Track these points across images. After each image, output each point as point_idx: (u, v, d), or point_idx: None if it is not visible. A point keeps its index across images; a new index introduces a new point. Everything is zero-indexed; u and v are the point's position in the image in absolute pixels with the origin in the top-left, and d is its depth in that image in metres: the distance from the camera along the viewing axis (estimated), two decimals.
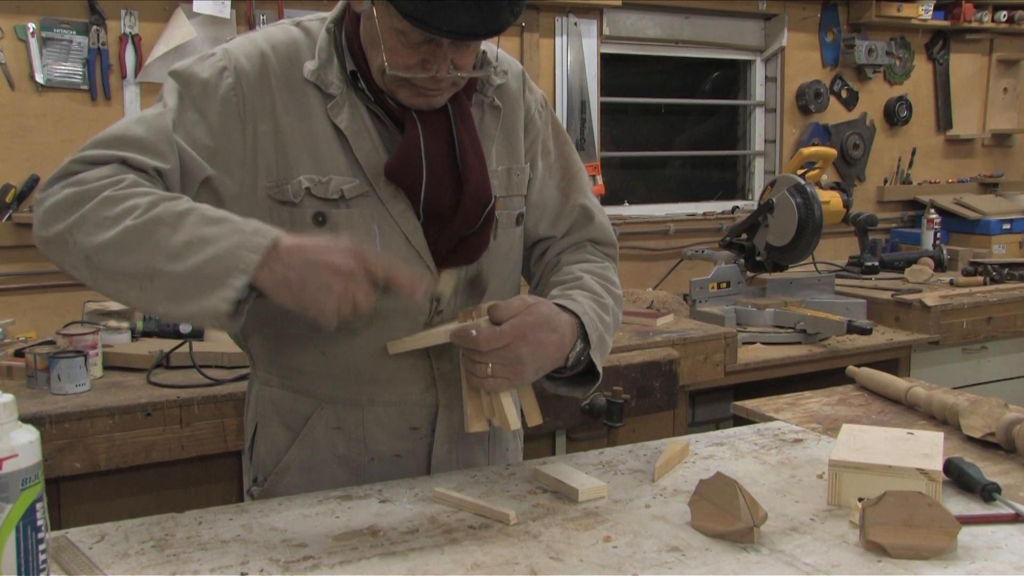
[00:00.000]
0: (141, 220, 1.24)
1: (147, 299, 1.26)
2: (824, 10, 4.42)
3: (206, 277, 1.21)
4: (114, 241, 1.24)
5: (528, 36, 3.69)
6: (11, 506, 1.00)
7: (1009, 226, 4.36)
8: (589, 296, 1.49)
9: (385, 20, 1.33)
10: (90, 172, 1.30)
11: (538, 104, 1.63)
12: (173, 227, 1.24)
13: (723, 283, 3.51)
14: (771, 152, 4.47)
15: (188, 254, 1.22)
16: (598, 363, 1.45)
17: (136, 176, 1.30)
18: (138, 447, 2.26)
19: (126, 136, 1.34)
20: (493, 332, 1.32)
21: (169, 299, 1.24)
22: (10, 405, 1.02)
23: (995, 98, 5.01)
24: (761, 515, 1.23)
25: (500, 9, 1.29)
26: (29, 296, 2.93)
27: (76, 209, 1.26)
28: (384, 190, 1.43)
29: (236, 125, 1.39)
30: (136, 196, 1.26)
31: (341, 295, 1.23)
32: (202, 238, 1.23)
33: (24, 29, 2.88)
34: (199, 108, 1.39)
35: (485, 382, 1.33)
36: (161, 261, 1.23)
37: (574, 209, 1.63)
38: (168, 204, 1.26)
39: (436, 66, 1.35)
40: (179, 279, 1.22)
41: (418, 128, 1.42)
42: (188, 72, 1.41)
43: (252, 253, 1.22)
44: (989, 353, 3.73)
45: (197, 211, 1.26)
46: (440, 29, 1.28)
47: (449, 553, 1.21)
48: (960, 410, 1.73)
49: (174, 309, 1.25)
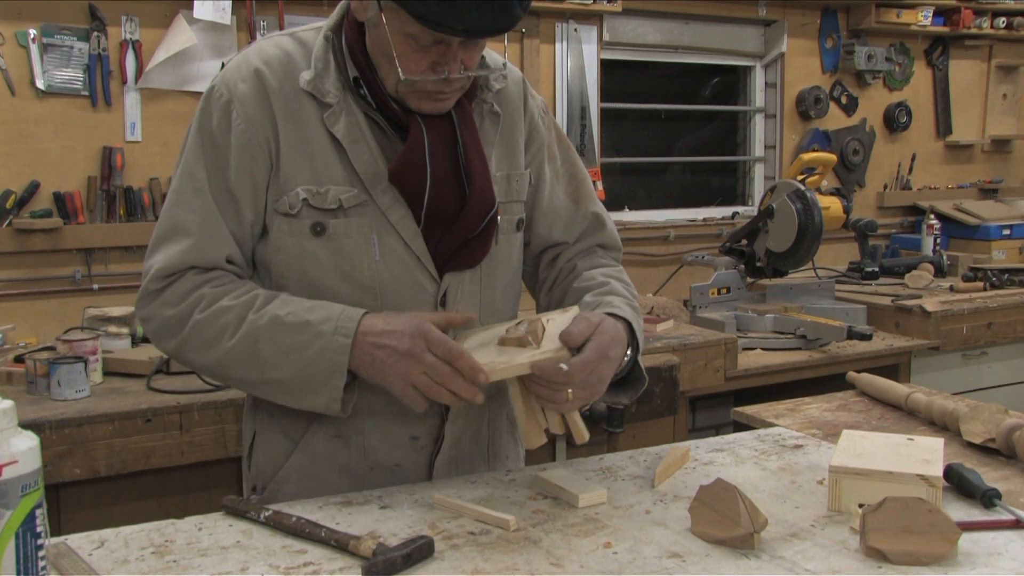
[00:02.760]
0: (236, 340, 1.38)
1: (270, 397, 1.44)
2: (824, 16, 4.43)
3: (309, 380, 1.37)
4: (220, 362, 1.40)
5: (528, 42, 3.70)
6: (11, 512, 1.00)
7: (1009, 231, 4.37)
8: (624, 300, 1.52)
9: (394, 25, 1.33)
10: (171, 291, 1.41)
11: (540, 110, 1.63)
12: (266, 341, 1.37)
13: (723, 289, 3.51)
14: (771, 158, 4.47)
15: (287, 364, 1.37)
16: (643, 365, 1.49)
17: (210, 286, 1.41)
18: (138, 453, 2.26)
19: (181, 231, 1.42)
20: (584, 363, 1.33)
21: (286, 398, 1.41)
22: (10, 411, 1.02)
23: (994, 104, 5.02)
24: (761, 521, 1.23)
25: (511, 5, 1.29)
26: (29, 302, 2.93)
27: (176, 333, 1.41)
28: (382, 198, 1.44)
29: (253, 154, 1.42)
30: (222, 315, 1.39)
31: (406, 375, 1.33)
32: (294, 347, 1.37)
33: (25, 35, 2.89)
34: (224, 159, 1.42)
35: (564, 405, 1.35)
36: (268, 371, 1.39)
37: (586, 216, 1.66)
38: (252, 317, 1.38)
39: (447, 68, 1.35)
40: (289, 384, 1.39)
41: (423, 132, 1.42)
42: (204, 125, 1.44)
43: (339, 355, 1.35)
44: (989, 359, 3.72)
45: (280, 320, 1.37)
46: (454, 28, 1.27)
47: (449, 559, 1.21)
48: (960, 416, 1.73)
49: (294, 404, 1.42)
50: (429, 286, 1.48)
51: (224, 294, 1.41)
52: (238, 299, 1.40)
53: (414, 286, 1.47)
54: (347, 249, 1.44)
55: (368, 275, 1.45)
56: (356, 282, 1.45)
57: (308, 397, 1.39)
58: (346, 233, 1.44)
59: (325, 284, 1.45)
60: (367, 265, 1.44)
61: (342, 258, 1.44)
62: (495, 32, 1.31)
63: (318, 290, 1.45)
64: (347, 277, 1.44)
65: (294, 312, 1.38)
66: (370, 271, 1.44)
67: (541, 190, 1.62)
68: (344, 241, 1.44)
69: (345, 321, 1.36)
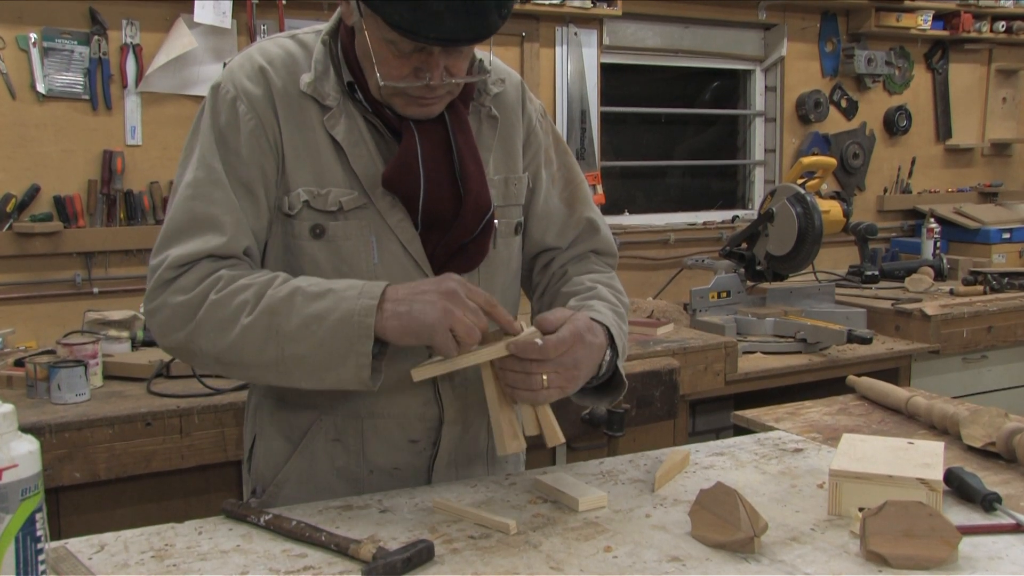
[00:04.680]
0: (255, 315, 1.32)
1: (287, 380, 1.36)
2: (823, 20, 4.44)
3: (334, 349, 1.31)
4: (237, 341, 1.33)
5: (528, 46, 3.70)
6: (11, 516, 0.99)
7: (1009, 235, 4.37)
8: (607, 305, 1.51)
9: (374, 31, 1.34)
10: (186, 277, 1.36)
11: (538, 114, 1.63)
12: (286, 314, 1.32)
13: (723, 292, 3.51)
14: (771, 161, 4.47)
15: (308, 334, 1.31)
16: (623, 370, 1.48)
17: (228, 269, 1.37)
18: (138, 457, 2.26)
19: (201, 223, 1.38)
20: (558, 339, 1.33)
21: (308, 376, 1.34)
22: (10, 415, 1.02)
23: (994, 108, 5.02)
24: (761, 525, 1.23)
25: (487, 13, 1.29)
26: (29, 305, 2.93)
27: (190, 319, 1.35)
28: (381, 200, 1.44)
29: (263, 148, 1.42)
30: (240, 292, 1.34)
31: (450, 314, 1.28)
32: (316, 315, 1.31)
33: (25, 39, 2.89)
34: (236, 154, 1.41)
35: (539, 394, 1.33)
36: (287, 347, 1.32)
37: (580, 221, 1.65)
38: (272, 291, 1.33)
39: (429, 74, 1.35)
40: (310, 358, 1.32)
41: (415, 137, 1.42)
42: (214, 121, 1.42)
43: (366, 317, 1.30)
44: (989, 362, 3.72)
45: (300, 290, 1.33)
46: (428, 37, 1.28)
47: (449, 563, 1.20)
48: (960, 420, 1.73)
49: (316, 383, 1.35)
50: None
51: (242, 275, 1.36)
52: (258, 278, 1.36)
53: None
54: (345, 252, 1.44)
55: (366, 278, 1.44)
56: None
57: (333, 370, 1.32)
58: (345, 236, 1.44)
59: None
60: (365, 268, 1.45)
61: (340, 260, 1.44)
62: (471, 41, 1.31)
63: None
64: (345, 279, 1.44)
65: (316, 283, 1.35)
66: (368, 274, 1.44)
67: (537, 194, 1.62)
68: (343, 244, 1.44)
69: (371, 287, 1.33)
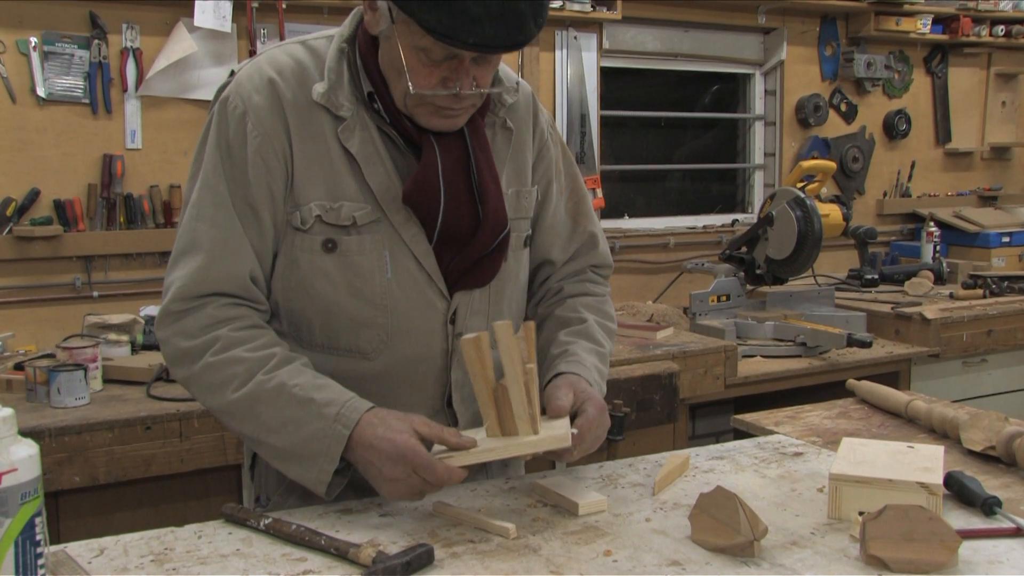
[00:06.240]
0: (240, 395, 1.37)
1: (263, 456, 1.45)
2: (823, 24, 4.44)
3: (302, 455, 1.35)
4: (224, 408, 1.39)
5: (528, 50, 3.70)
6: (10, 520, 0.99)
7: (1008, 239, 4.37)
8: (593, 349, 1.56)
9: (406, 39, 1.31)
10: (192, 319, 1.39)
11: (549, 126, 1.63)
12: (269, 404, 1.36)
13: (723, 296, 3.51)
14: (771, 165, 4.48)
15: (284, 433, 1.36)
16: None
17: (229, 328, 1.38)
18: (137, 460, 2.26)
19: (203, 247, 1.39)
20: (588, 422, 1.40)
21: (276, 461, 1.40)
22: (9, 419, 1.02)
23: (993, 111, 5.03)
24: (761, 529, 1.23)
25: (525, 20, 1.27)
26: (29, 309, 2.93)
27: (188, 367, 1.40)
28: (396, 215, 1.42)
29: (270, 166, 1.40)
30: (233, 364, 1.37)
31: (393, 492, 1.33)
32: (294, 420, 1.35)
33: (26, 43, 2.89)
34: (242, 172, 1.39)
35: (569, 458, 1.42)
36: (263, 434, 1.37)
37: (583, 235, 1.66)
38: (261, 377, 1.36)
39: (458, 83, 1.33)
40: (282, 452, 1.37)
41: (436, 152, 1.40)
42: (221, 138, 1.41)
43: (336, 443, 1.33)
44: (989, 366, 3.72)
45: (285, 388, 1.36)
46: (466, 43, 1.25)
47: (449, 567, 1.20)
48: (960, 423, 1.73)
49: (283, 469, 1.40)
50: (439, 304, 1.47)
51: (241, 342, 1.38)
52: (254, 352, 1.37)
53: (424, 304, 1.46)
54: (359, 266, 1.42)
55: (379, 292, 1.43)
56: (367, 299, 1.43)
57: (296, 471, 1.37)
58: (358, 250, 1.42)
59: (335, 300, 1.43)
60: (378, 282, 1.43)
61: (353, 275, 1.42)
62: (508, 48, 1.29)
63: (328, 306, 1.43)
64: (357, 294, 1.43)
65: (301, 385, 1.36)
66: (381, 288, 1.43)
67: (547, 206, 1.61)
68: (356, 258, 1.42)
69: (349, 411, 1.34)
